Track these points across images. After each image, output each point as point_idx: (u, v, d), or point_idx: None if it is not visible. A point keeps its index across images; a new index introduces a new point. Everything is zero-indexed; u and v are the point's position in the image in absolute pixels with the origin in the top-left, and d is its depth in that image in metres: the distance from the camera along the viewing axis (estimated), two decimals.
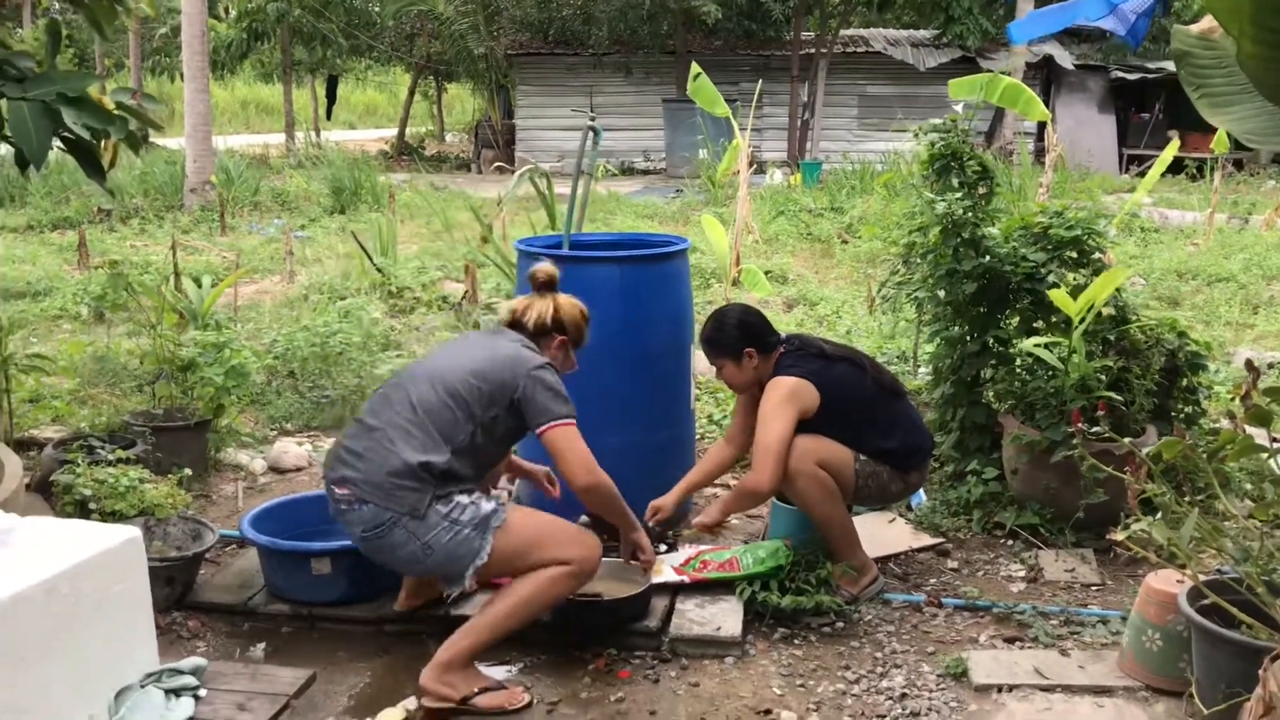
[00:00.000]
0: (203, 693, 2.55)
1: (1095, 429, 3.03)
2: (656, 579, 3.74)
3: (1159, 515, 2.82)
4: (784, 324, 8.05)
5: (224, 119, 33.92)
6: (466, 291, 7.50)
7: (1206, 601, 3.02)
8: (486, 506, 3.22)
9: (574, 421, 3.29)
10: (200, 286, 5.54)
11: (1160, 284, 9.48)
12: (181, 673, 2.58)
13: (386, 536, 3.17)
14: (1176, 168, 18.20)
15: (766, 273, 10.17)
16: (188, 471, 4.15)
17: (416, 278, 9.22)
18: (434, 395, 3.25)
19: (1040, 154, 16.93)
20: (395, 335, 7.20)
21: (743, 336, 3.84)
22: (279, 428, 5.62)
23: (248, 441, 5.29)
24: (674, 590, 3.77)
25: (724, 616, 3.62)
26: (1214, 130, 13.45)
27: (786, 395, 3.69)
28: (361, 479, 3.18)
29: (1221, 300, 8.89)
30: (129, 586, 2.54)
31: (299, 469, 5.10)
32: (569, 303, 3.57)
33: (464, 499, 3.20)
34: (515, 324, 3.53)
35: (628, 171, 21.26)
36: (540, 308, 3.52)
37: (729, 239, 9.97)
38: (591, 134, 4.67)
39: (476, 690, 3.19)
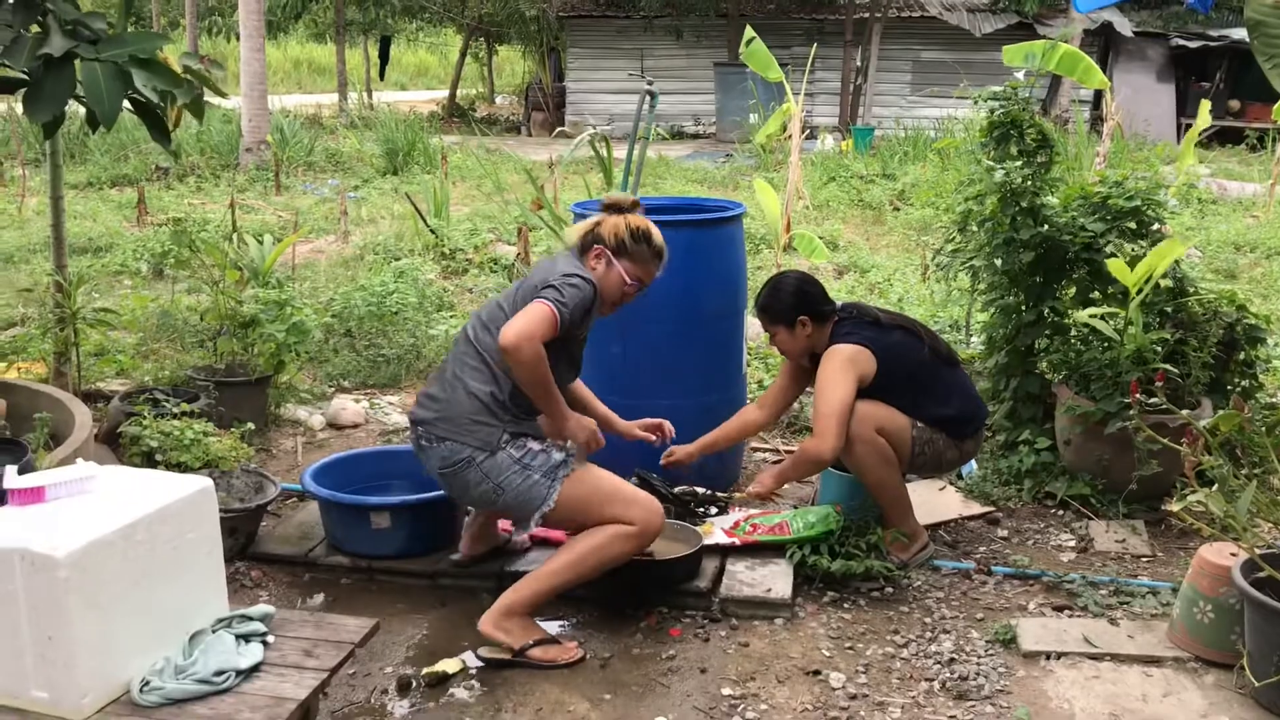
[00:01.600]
0: (271, 639, 2.63)
1: (1152, 400, 3.03)
2: (706, 540, 3.79)
3: (1215, 487, 2.82)
4: (835, 291, 8.02)
5: (277, 79, 34.03)
6: (520, 254, 7.55)
7: (1261, 575, 3.03)
8: (557, 456, 3.33)
9: (554, 310, 3.18)
10: (261, 245, 5.63)
11: (1217, 256, 9.35)
12: (251, 619, 2.65)
13: (462, 474, 3.30)
14: (1237, 138, 17.89)
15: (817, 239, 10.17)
16: (250, 425, 4.24)
17: (469, 239, 9.30)
18: (486, 330, 3.37)
19: (1096, 122, 16.68)
20: (448, 296, 7.28)
21: (798, 304, 3.86)
22: (336, 385, 5.72)
23: (306, 398, 5.39)
24: (724, 552, 3.82)
25: (774, 579, 3.66)
26: (1275, 99, 13.20)
27: (845, 361, 3.71)
28: (438, 418, 3.33)
29: None
30: (201, 534, 2.62)
31: (356, 425, 5.20)
32: (614, 218, 3.51)
33: (535, 445, 3.33)
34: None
35: (677, 135, 21.19)
36: (583, 226, 3.56)
37: (780, 204, 9.98)
38: (649, 97, 4.69)
39: (532, 641, 3.26)
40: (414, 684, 3.17)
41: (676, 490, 4.08)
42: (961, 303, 6.39)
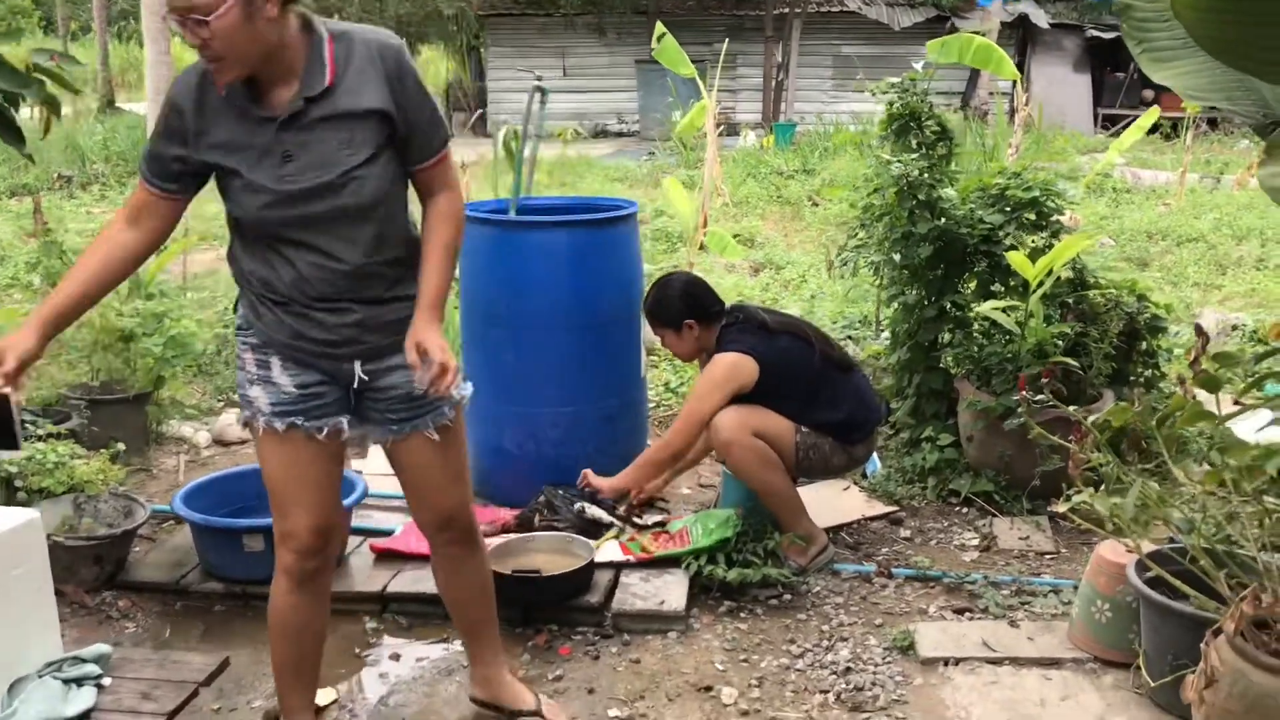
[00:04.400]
0: (107, 681, 2.45)
1: (1039, 398, 2.95)
2: (600, 556, 3.66)
3: (1101, 486, 2.74)
4: (750, 289, 7.97)
5: None
6: None
7: (1155, 573, 2.96)
8: (253, 393, 2.54)
9: (140, 172, 2.48)
10: None
11: (1129, 245, 9.42)
12: (84, 661, 2.48)
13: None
14: (1151, 127, 18.12)
15: (735, 236, 10.07)
16: (120, 446, 4.02)
17: None
18: None
19: (1015, 113, 16.81)
20: None
21: (685, 307, 3.75)
22: (226, 398, 5.50)
23: (192, 414, 5.17)
24: (619, 565, 3.68)
25: (668, 590, 3.53)
26: None
27: (724, 373, 3.62)
28: None
29: (1190, 261, 8.84)
30: (27, 571, 2.43)
31: (244, 441, 4.98)
32: None
33: (251, 366, 2.55)
34: None
35: (601, 134, 21.07)
36: None
37: (697, 202, 9.88)
38: (539, 94, 4.53)
39: None
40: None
41: (579, 507, 3.92)
42: (872, 298, 6.32)
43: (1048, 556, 3.93)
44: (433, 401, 2.57)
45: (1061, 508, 2.70)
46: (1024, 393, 2.99)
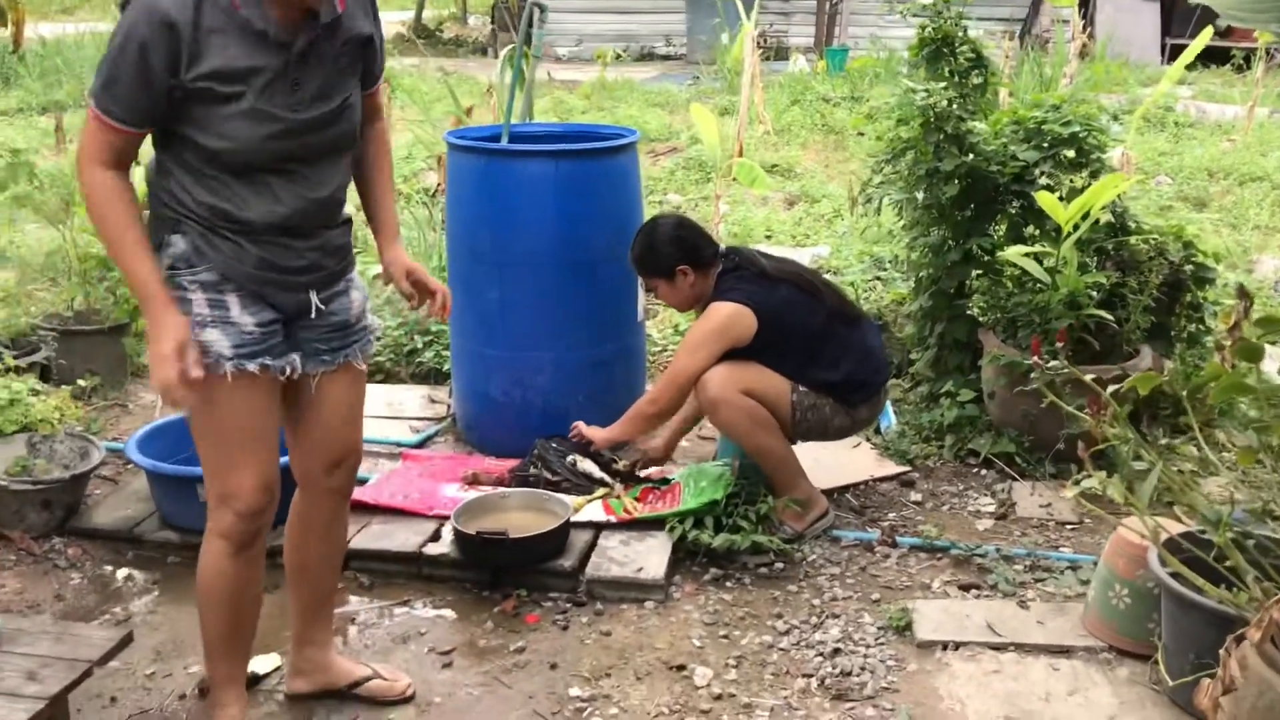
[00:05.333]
0: None
1: (1052, 364, 2.62)
2: (581, 516, 3.40)
3: (1120, 468, 2.43)
4: (781, 224, 7.59)
5: None
6: (439, 184, 7.07)
7: (1180, 560, 2.64)
8: (209, 336, 2.24)
9: (93, 112, 2.14)
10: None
11: (1188, 183, 8.88)
12: None
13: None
14: (1222, 59, 17.26)
15: (773, 167, 9.67)
16: (81, 383, 3.81)
17: (399, 169, 8.80)
18: None
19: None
20: (360, 230, 6.79)
21: (676, 253, 3.43)
22: None
23: None
24: (599, 526, 3.42)
25: (648, 556, 3.27)
26: None
27: (718, 326, 3.32)
28: None
29: (1252, 201, 8.30)
30: None
31: None
32: None
33: (201, 306, 2.25)
34: None
35: (648, 57, 20.50)
36: None
37: (734, 129, 9.47)
38: (537, 11, 4.19)
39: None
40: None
41: (573, 459, 3.66)
42: (901, 239, 5.94)
43: (1069, 527, 3.61)
44: (359, 331, 2.52)
45: (1070, 493, 2.39)
46: (1036, 357, 2.66)
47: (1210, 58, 17.48)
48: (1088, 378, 2.46)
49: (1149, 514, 2.29)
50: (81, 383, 4.18)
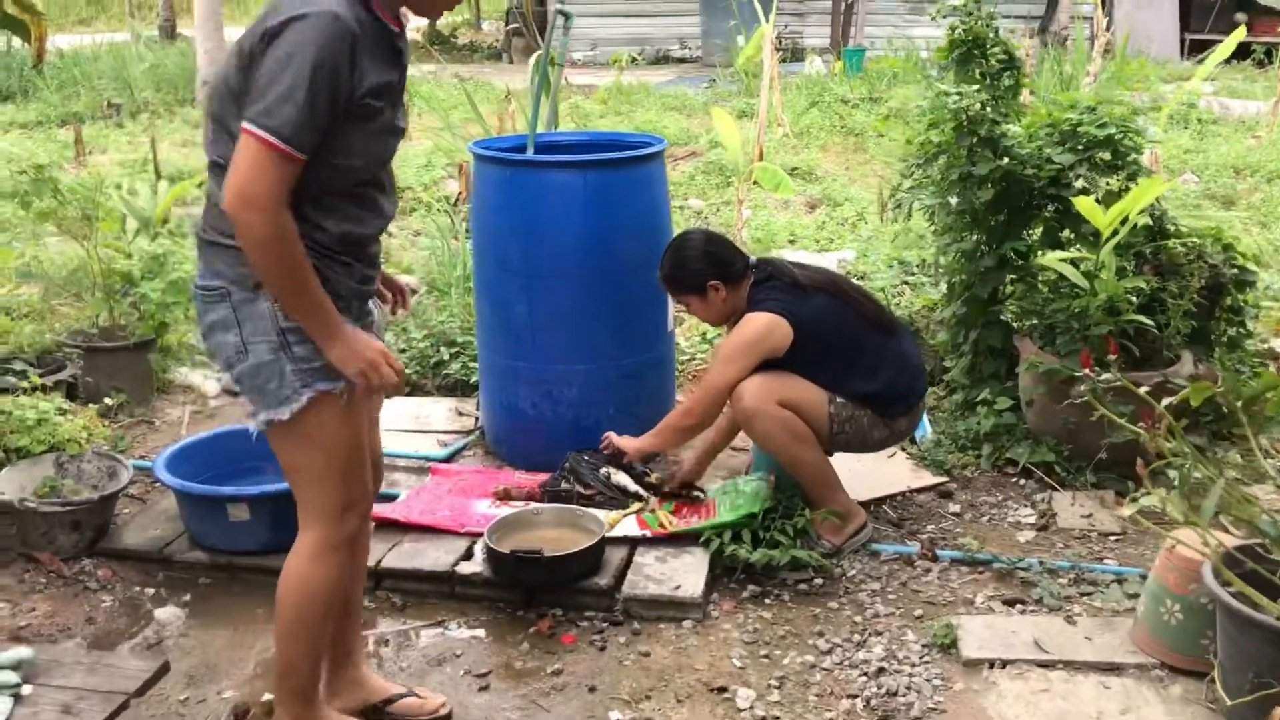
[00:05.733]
0: (27, 690, 2.19)
1: (1104, 376, 2.54)
2: (616, 532, 3.35)
3: (1175, 486, 2.36)
4: (804, 228, 7.52)
5: (256, 8, 33.26)
6: (461, 192, 7.03)
7: (1242, 569, 2.57)
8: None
9: (276, 145, 2.03)
10: (155, 190, 5.12)
11: (1215, 181, 8.78)
12: (1, 668, 2.21)
13: (211, 306, 2.25)
14: (1242, 53, 17.09)
15: (793, 170, 9.60)
16: (108, 400, 3.78)
17: (419, 176, 8.77)
18: (219, 105, 2.20)
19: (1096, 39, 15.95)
20: (385, 239, 6.76)
21: (707, 268, 3.38)
22: None
23: (202, 361, 4.92)
24: (634, 541, 3.36)
25: (685, 573, 3.21)
26: None
27: (753, 337, 3.26)
28: (200, 226, 2.29)
29: None
30: None
31: None
32: None
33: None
34: None
35: (663, 60, 20.45)
36: None
37: (753, 132, 9.40)
38: (563, 19, 4.15)
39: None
40: (250, 713, 2.74)
41: (606, 472, 3.60)
42: (929, 244, 5.86)
43: (1112, 538, 3.54)
44: (382, 339, 2.51)
45: (1128, 511, 2.32)
46: (1088, 371, 2.59)
47: (1231, 53, 17.37)
48: (1142, 390, 2.39)
49: (1208, 531, 2.22)
50: (109, 400, 4.15)
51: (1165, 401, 2.34)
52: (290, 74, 2.01)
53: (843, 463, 3.54)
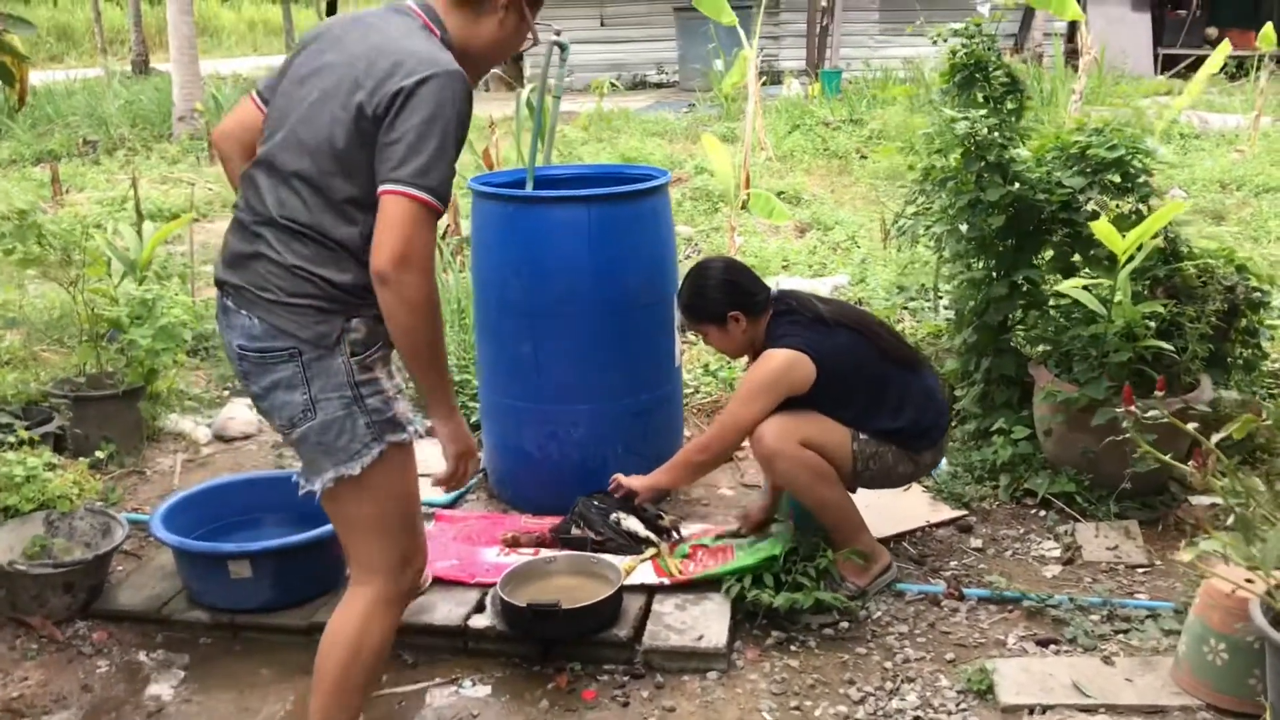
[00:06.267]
0: None
1: (1151, 413, 2.45)
2: (632, 580, 3.23)
3: (1230, 528, 2.26)
4: (796, 253, 7.44)
5: (231, 41, 33.12)
6: (449, 225, 6.91)
7: None
8: (401, 408, 2.32)
9: (435, 206, 2.11)
10: (139, 232, 4.99)
11: (1202, 196, 8.77)
12: None
13: (273, 368, 2.24)
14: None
15: (779, 194, 9.53)
16: (98, 454, 3.64)
17: None
18: (320, 195, 2.20)
19: (1071, 56, 16.00)
20: None
21: (727, 299, 3.27)
22: (231, 387, 5.11)
23: (193, 406, 4.78)
24: (651, 590, 3.25)
25: (707, 621, 3.09)
26: (1254, 24, 12.53)
27: (775, 374, 3.15)
28: (252, 284, 2.25)
29: (1271, 214, 8.17)
30: None
31: (247, 436, 4.59)
32: None
33: (385, 382, 2.30)
34: None
35: (640, 85, 20.45)
36: None
37: (738, 157, 9.33)
38: (558, 50, 4.05)
39: None
40: None
41: (616, 518, 3.48)
42: (929, 269, 5.79)
43: (1140, 570, 3.44)
44: None
45: (1186, 556, 2.22)
46: (1132, 408, 2.49)
47: (1198, 66, 17.49)
48: (1190, 427, 2.30)
49: (1272, 577, 2.12)
50: (99, 454, 4.01)
51: (1215, 438, 2.24)
52: (438, 134, 2.08)
53: (858, 499, 3.43)
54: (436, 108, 2.07)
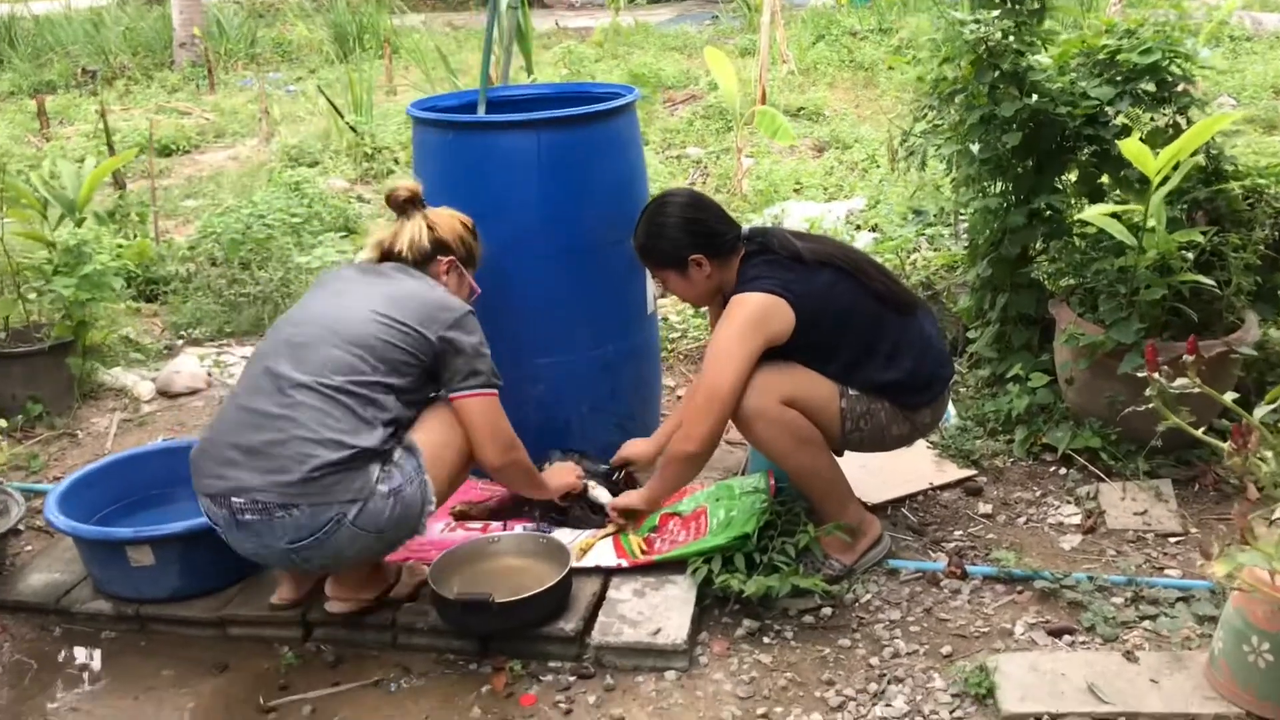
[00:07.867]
0: None
1: (1178, 382, 2.00)
2: (588, 562, 2.85)
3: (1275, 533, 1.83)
4: (810, 175, 6.93)
5: None
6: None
7: None
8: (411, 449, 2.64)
9: (497, 392, 2.71)
10: (79, 170, 4.58)
11: (1254, 103, 8.13)
12: None
13: (330, 540, 2.47)
14: None
15: (799, 110, 9.00)
16: (24, 416, 3.28)
17: (398, 135, 8.22)
18: (345, 355, 2.55)
19: None
20: (352, 210, 6.23)
21: (687, 239, 2.81)
22: (186, 336, 4.73)
23: (138, 359, 4.41)
24: (608, 573, 2.86)
25: (668, 611, 2.70)
26: None
27: (749, 322, 2.68)
28: (272, 483, 2.43)
29: None
30: None
31: (193, 391, 4.22)
32: (445, 216, 2.89)
33: (399, 455, 2.58)
34: (388, 256, 2.83)
35: None
36: (412, 231, 2.83)
37: (754, 72, 8.77)
38: None
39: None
40: None
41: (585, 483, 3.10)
42: (944, 192, 5.27)
43: (1173, 540, 3.01)
44: None
45: (1221, 570, 1.79)
46: (1156, 375, 2.04)
47: None
48: (1227, 397, 1.85)
49: None
50: (24, 415, 3.67)
51: (1259, 411, 1.79)
52: (485, 348, 2.71)
53: (853, 458, 3.01)
54: (476, 329, 2.74)
